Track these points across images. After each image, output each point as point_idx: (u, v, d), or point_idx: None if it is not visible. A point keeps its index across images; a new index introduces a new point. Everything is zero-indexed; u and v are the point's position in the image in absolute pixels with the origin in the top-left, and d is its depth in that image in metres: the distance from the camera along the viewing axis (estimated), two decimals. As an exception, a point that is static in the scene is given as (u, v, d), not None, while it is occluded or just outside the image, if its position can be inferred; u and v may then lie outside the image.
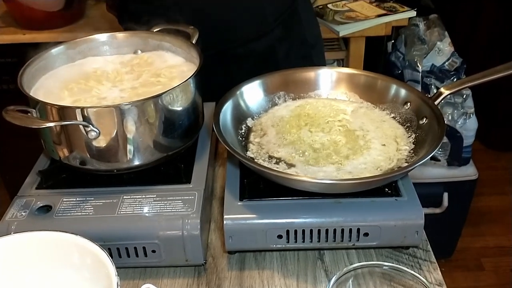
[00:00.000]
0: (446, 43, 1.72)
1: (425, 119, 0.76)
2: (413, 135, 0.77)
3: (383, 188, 0.71)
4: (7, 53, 1.51)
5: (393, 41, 1.86)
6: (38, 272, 0.60)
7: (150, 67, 0.83)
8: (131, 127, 0.68)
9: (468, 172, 1.72)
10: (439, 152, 1.69)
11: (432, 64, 1.71)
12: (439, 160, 1.71)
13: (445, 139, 1.63)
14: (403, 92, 0.81)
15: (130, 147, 0.69)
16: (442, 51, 1.70)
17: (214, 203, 0.82)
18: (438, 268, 0.70)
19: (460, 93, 1.65)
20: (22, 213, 0.68)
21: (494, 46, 2.18)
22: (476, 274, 1.85)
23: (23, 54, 0.80)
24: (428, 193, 1.67)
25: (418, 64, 1.69)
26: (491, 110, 2.25)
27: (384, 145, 0.76)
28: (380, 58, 1.84)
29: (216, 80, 0.88)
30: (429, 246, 0.73)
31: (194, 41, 0.83)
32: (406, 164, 0.71)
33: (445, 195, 1.69)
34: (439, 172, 1.71)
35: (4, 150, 1.74)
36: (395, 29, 1.74)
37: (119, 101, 0.72)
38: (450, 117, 1.65)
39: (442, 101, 0.77)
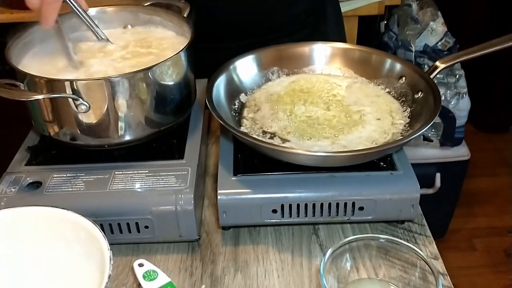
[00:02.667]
0: (439, 23, 1.70)
1: (420, 93, 0.75)
2: (408, 109, 0.76)
3: (378, 162, 0.70)
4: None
5: (385, 21, 1.84)
6: (30, 246, 0.59)
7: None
8: (121, 101, 0.66)
9: (461, 152, 1.72)
10: (432, 133, 1.68)
11: (425, 44, 1.70)
12: (432, 141, 1.70)
13: (438, 119, 1.63)
14: (398, 66, 0.80)
15: (121, 121, 0.68)
16: (435, 31, 1.69)
17: (207, 180, 0.81)
18: (434, 242, 0.69)
19: (453, 73, 1.64)
20: (12, 189, 0.67)
21: (487, 26, 2.16)
22: (469, 255, 1.87)
23: (11, 33, 0.77)
24: (420, 173, 1.64)
25: (411, 44, 1.68)
26: (482, 92, 2.25)
27: (379, 119, 0.75)
28: (373, 39, 1.83)
29: None
30: (424, 220, 0.73)
31: (185, 15, 0.82)
32: (401, 137, 0.70)
33: (438, 175, 1.69)
34: (432, 153, 1.71)
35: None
36: (388, 9, 1.72)
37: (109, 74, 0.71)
38: (443, 97, 1.64)
39: (436, 79, 0.76)
